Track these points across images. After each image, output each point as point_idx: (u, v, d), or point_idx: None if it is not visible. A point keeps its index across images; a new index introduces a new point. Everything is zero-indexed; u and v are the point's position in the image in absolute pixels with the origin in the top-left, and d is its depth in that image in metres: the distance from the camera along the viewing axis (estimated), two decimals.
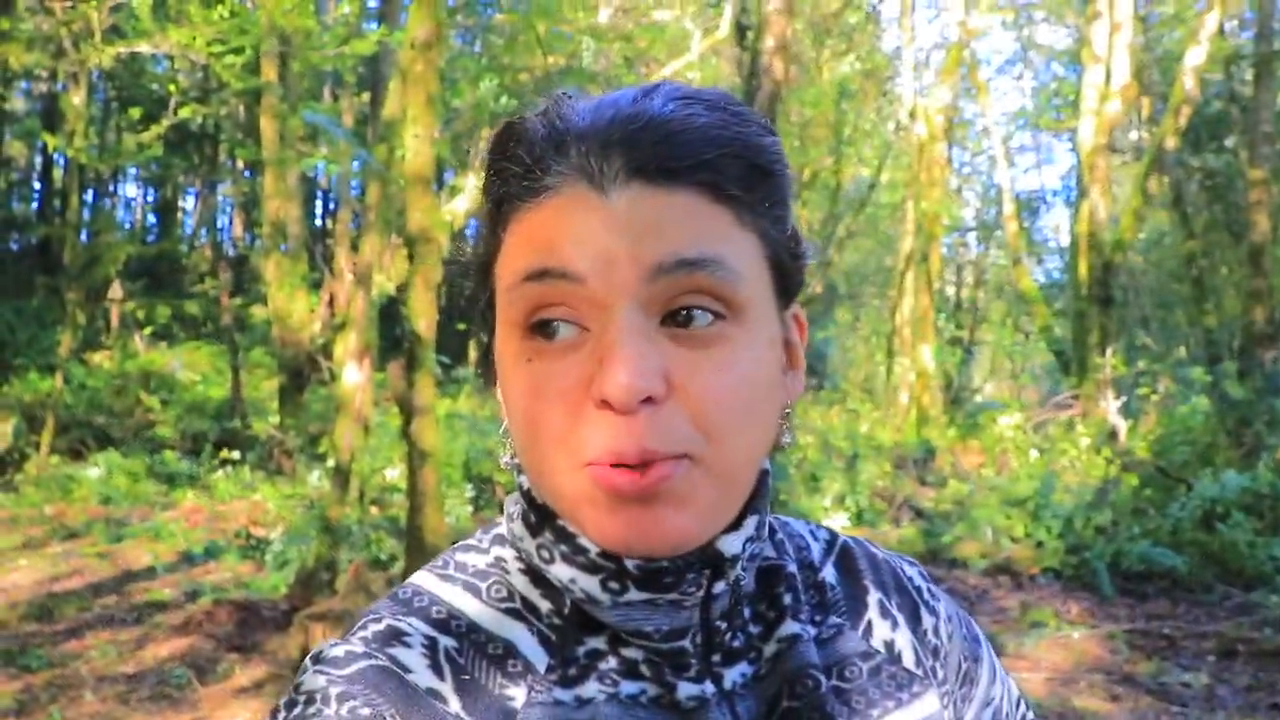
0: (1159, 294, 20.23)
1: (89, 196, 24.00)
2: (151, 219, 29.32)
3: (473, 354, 19.36)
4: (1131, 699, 4.86)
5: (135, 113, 11.82)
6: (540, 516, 0.66)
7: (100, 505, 9.57)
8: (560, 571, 0.64)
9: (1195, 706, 4.77)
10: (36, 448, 11.41)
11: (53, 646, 5.54)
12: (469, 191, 7.78)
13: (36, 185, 26.14)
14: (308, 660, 0.63)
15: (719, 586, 0.65)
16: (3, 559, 7.56)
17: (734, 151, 0.61)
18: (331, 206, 27.44)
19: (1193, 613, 6.44)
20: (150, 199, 29.35)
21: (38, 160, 25.23)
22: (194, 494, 10.10)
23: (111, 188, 26.42)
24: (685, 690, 0.63)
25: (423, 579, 0.70)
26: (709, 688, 0.64)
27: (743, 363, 0.60)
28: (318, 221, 27.18)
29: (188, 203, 29.45)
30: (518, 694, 0.63)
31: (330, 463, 7.70)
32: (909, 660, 0.75)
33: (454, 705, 0.61)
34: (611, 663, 0.65)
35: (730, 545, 0.64)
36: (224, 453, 11.25)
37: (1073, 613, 6.36)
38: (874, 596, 0.77)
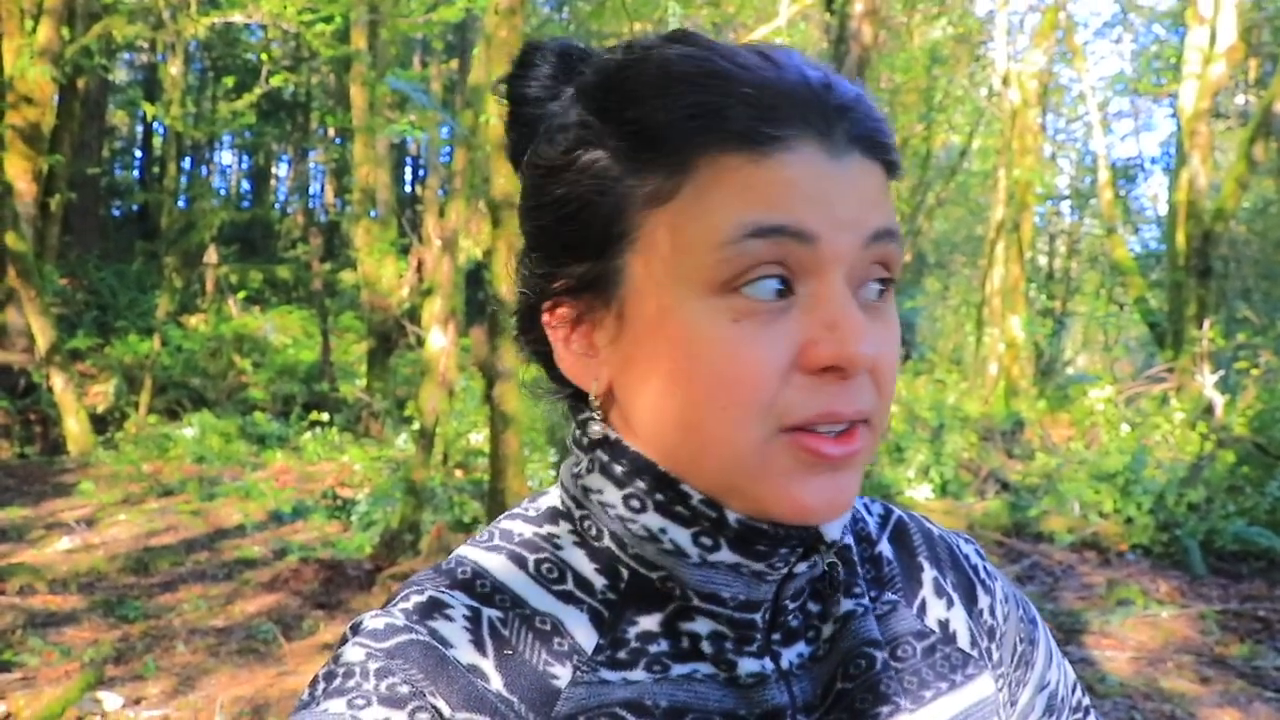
0: (1263, 265, 19.48)
1: (186, 164, 24.66)
2: (245, 186, 30.05)
3: None
4: (1222, 681, 4.72)
5: (229, 81, 12.09)
6: (633, 466, 0.63)
7: (194, 464, 9.88)
8: (650, 521, 0.62)
9: None
10: (135, 407, 11.84)
11: (148, 599, 5.75)
12: None
13: (137, 153, 26.99)
14: (348, 630, 0.63)
15: (801, 567, 0.64)
16: (104, 514, 7.86)
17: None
18: (421, 173, 27.84)
19: None
20: (244, 166, 30.08)
21: (139, 129, 26.02)
22: (283, 455, 10.38)
23: (208, 155, 27.12)
24: (746, 666, 0.62)
25: (467, 550, 0.68)
26: (769, 665, 0.63)
27: (895, 330, 0.62)
28: (407, 188, 27.58)
29: (280, 169, 30.13)
30: (563, 673, 0.61)
31: (416, 426, 7.83)
32: (963, 640, 0.73)
33: (495, 682, 0.60)
34: (663, 645, 0.63)
35: (832, 529, 0.65)
36: (313, 415, 11.54)
37: (1161, 591, 6.19)
38: (929, 574, 0.76)
